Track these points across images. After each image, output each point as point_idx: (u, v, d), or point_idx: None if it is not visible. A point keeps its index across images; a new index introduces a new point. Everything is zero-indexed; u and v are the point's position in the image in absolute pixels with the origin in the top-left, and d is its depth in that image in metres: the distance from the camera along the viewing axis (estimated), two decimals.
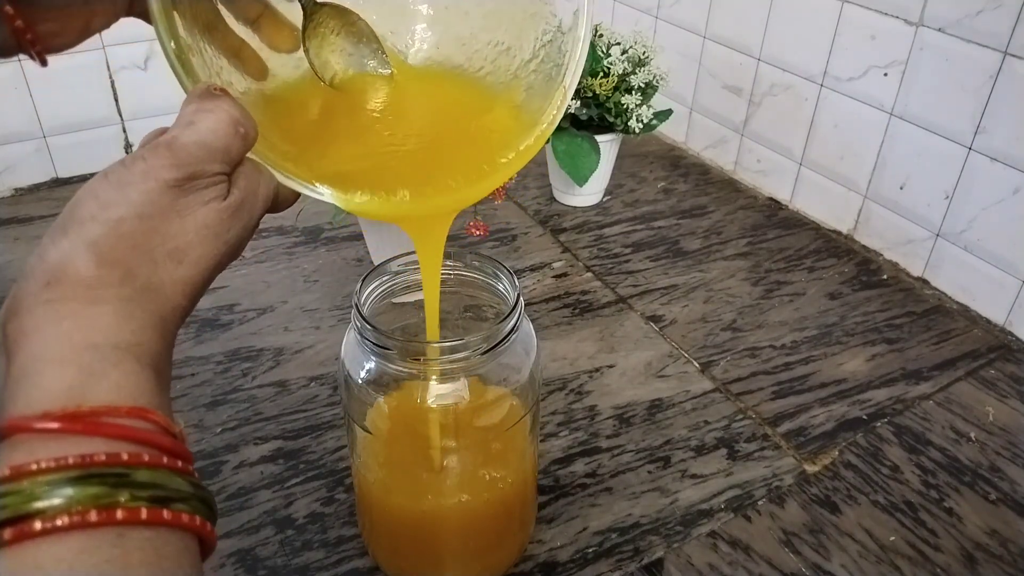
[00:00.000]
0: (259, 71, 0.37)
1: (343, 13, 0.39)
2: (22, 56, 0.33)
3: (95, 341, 0.23)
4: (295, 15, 0.38)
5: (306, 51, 0.38)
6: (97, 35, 0.35)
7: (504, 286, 0.44)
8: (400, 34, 0.41)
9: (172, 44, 0.30)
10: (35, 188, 0.91)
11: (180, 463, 0.23)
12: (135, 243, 0.25)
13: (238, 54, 0.36)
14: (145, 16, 0.34)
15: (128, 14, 0.35)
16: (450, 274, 0.45)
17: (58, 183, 0.92)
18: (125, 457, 0.22)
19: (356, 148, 0.38)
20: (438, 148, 0.39)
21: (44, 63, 0.34)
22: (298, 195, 0.33)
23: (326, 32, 0.38)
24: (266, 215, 0.32)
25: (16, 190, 0.90)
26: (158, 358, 0.25)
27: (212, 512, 0.24)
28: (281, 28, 0.38)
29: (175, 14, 0.31)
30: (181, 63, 0.30)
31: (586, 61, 0.38)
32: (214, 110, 0.28)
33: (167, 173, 0.26)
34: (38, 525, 0.20)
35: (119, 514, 0.21)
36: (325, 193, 0.34)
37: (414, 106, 0.41)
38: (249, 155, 0.30)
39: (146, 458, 0.22)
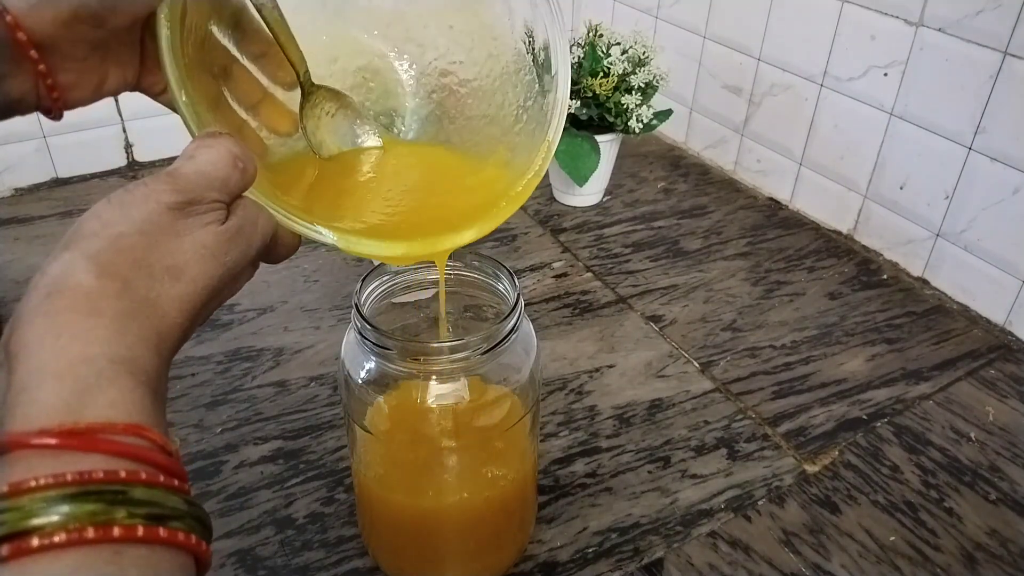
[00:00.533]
0: (259, 148, 0.39)
1: (338, 96, 0.41)
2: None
3: (91, 354, 0.23)
4: (292, 102, 0.40)
5: (303, 129, 0.40)
6: None
7: (504, 286, 0.44)
8: (390, 115, 0.44)
9: (184, 96, 0.32)
10: (35, 188, 0.91)
11: (176, 482, 0.24)
12: (134, 257, 0.26)
13: (240, 131, 0.38)
14: (151, 92, 0.37)
15: (137, 88, 0.37)
16: (450, 274, 0.45)
17: (58, 183, 0.92)
18: (123, 474, 0.22)
19: (353, 208, 0.40)
20: (433, 205, 0.42)
21: (60, 116, 0.35)
22: (299, 242, 0.34)
23: (321, 114, 0.41)
24: (268, 264, 0.33)
25: (16, 190, 0.90)
26: (153, 376, 0.25)
27: (207, 531, 0.24)
28: (280, 113, 0.40)
29: (187, 83, 0.32)
30: (193, 112, 0.32)
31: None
32: (214, 146, 0.29)
33: (167, 197, 0.27)
34: (35, 542, 0.20)
35: (116, 531, 0.21)
36: (326, 235, 0.35)
37: (406, 172, 0.44)
38: (249, 195, 0.31)
39: (143, 476, 0.22)
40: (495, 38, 0.42)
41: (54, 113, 0.35)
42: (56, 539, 0.20)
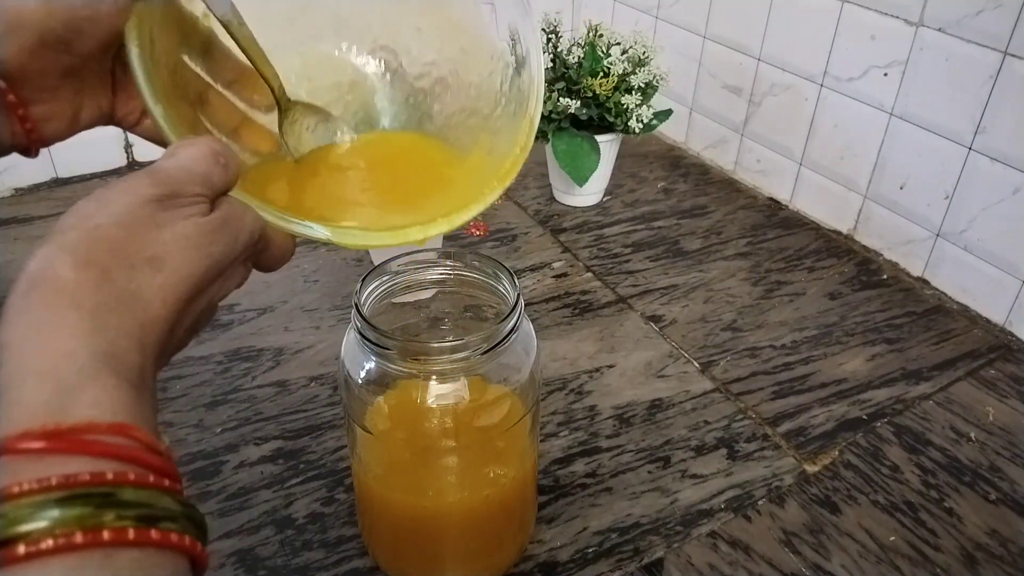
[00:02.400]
0: (242, 170, 0.39)
1: (316, 110, 0.41)
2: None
3: (71, 349, 0.23)
4: (272, 123, 0.40)
5: (285, 146, 0.40)
6: None
7: (504, 286, 0.44)
8: (370, 125, 0.44)
9: (160, 109, 0.32)
10: (35, 188, 0.91)
11: (167, 481, 0.23)
12: (112, 248, 0.25)
13: None
14: (126, 123, 0.36)
15: (112, 119, 0.36)
16: (450, 274, 0.45)
17: (58, 183, 0.92)
18: (110, 476, 0.21)
19: (343, 201, 0.40)
20: (423, 191, 0.41)
21: (36, 153, 0.34)
22: (293, 246, 0.34)
23: (302, 130, 0.41)
24: (264, 274, 0.33)
25: (16, 190, 0.90)
26: (137, 372, 0.24)
27: (202, 531, 0.24)
28: (261, 136, 0.40)
29: (163, 99, 0.32)
30: (171, 126, 0.32)
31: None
32: (196, 144, 0.29)
33: (147, 190, 0.26)
34: (22, 549, 0.19)
35: (105, 535, 0.20)
36: (318, 229, 0.34)
37: (393, 161, 0.44)
38: (235, 196, 0.31)
39: (131, 477, 0.22)
40: (464, 31, 0.42)
41: (32, 151, 0.34)
42: (43, 545, 0.20)
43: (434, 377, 0.41)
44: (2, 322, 0.23)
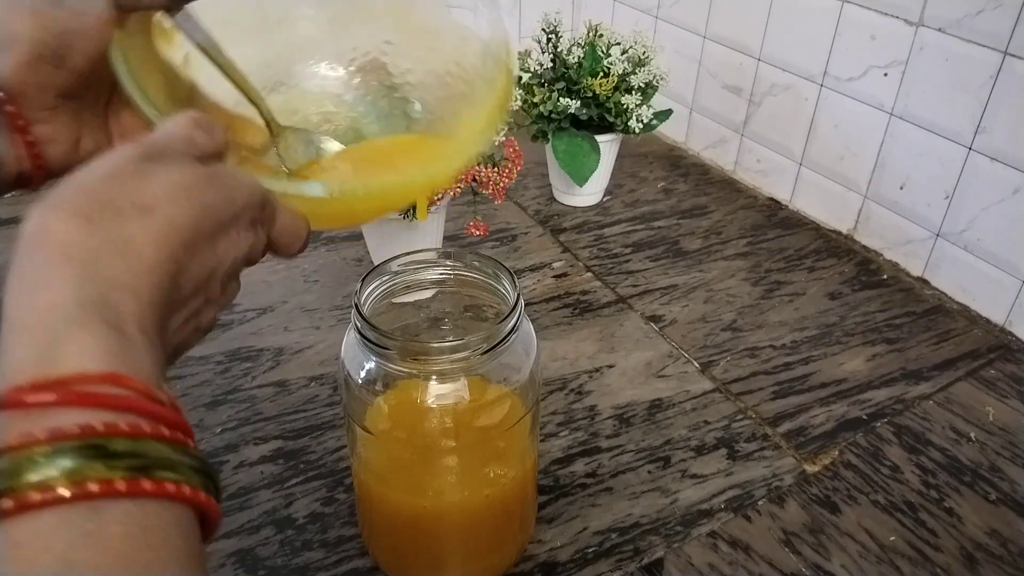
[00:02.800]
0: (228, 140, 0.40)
1: (307, 132, 0.42)
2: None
3: (59, 300, 0.22)
4: (270, 158, 0.41)
5: (287, 173, 0.41)
6: None
7: (504, 286, 0.44)
8: (360, 137, 0.45)
9: (153, 110, 0.32)
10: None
11: (167, 431, 0.22)
12: (100, 199, 0.25)
13: None
14: None
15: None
16: (450, 274, 0.45)
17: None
18: (100, 428, 0.21)
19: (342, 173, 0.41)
20: (413, 163, 0.42)
21: (42, 181, 0.34)
22: (306, 227, 0.33)
23: (298, 156, 0.41)
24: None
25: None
26: (133, 320, 0.24)
27: (209, 479, 0.23)
28: (260, 169, 0.40)
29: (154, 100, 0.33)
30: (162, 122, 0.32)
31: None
32: (176, 116, 0.29)
33: (132, 150, 0.27)
34: (9, 503, 0.19)
35: (93, 487, 0.20)
36: (316, 187, 0.34)
37: (384, 159, 0.44)
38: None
39: (123, 426, 0.21)
40: (431, 32, 0.43)
41: (36, 179, 0.34)
42: (30, 500, 0.19)
43: (434, 377, 0.41)
44: (5, 288, 0.23)
